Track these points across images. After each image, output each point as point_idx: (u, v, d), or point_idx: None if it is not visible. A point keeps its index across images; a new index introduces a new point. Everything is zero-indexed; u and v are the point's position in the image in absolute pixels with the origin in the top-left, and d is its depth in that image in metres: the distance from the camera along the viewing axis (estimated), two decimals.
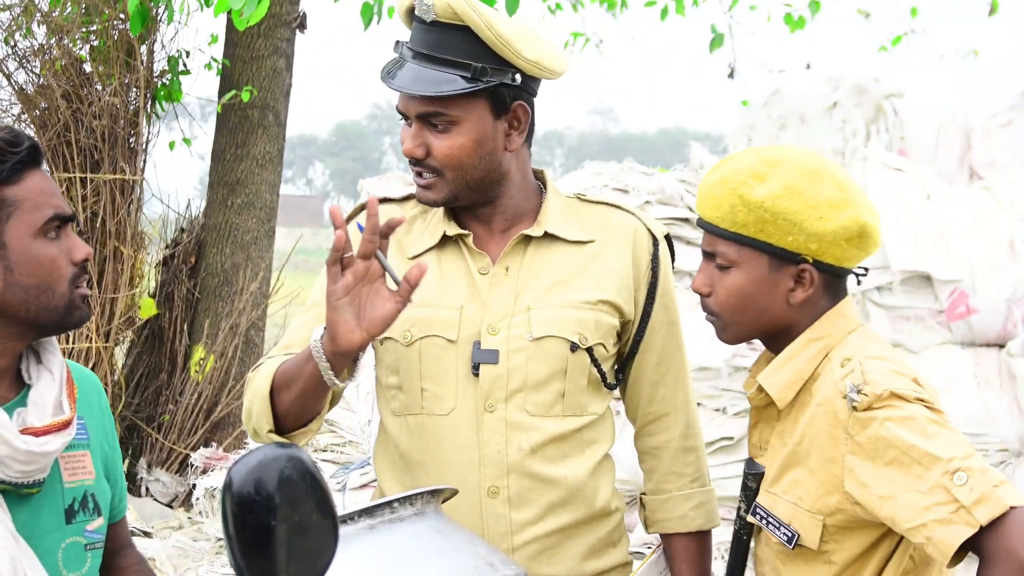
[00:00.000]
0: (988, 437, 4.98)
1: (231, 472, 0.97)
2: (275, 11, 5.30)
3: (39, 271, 1.50)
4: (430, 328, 1.81)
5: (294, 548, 0.98)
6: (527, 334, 1.80)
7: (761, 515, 1.66)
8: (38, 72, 5.36)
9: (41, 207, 1.51)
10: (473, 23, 1.73)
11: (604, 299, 1.84)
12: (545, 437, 1.80)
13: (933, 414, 1.55)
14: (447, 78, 1.74)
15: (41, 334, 1.57)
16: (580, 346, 1.81)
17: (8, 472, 1.49)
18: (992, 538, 1.42)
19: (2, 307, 1.50)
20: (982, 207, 5.43)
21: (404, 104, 1.79)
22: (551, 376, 1.81)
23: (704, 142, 9.50)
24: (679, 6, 6.48)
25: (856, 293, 5.40)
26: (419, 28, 1.78)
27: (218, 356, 5.45)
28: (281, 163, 5.69)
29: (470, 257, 1.85)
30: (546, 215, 1.87)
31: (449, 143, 1.77)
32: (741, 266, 1.63)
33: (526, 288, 1.83)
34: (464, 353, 1.80)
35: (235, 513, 0.96)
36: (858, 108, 6.28)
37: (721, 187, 1.62)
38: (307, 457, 1.00)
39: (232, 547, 0.98)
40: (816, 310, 1.65)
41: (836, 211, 1.59)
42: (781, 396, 1.63)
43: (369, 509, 1.37)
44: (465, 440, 1.80)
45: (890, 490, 1.49)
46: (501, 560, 1.43)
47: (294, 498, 0.98)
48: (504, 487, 1.79)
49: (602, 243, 1.87)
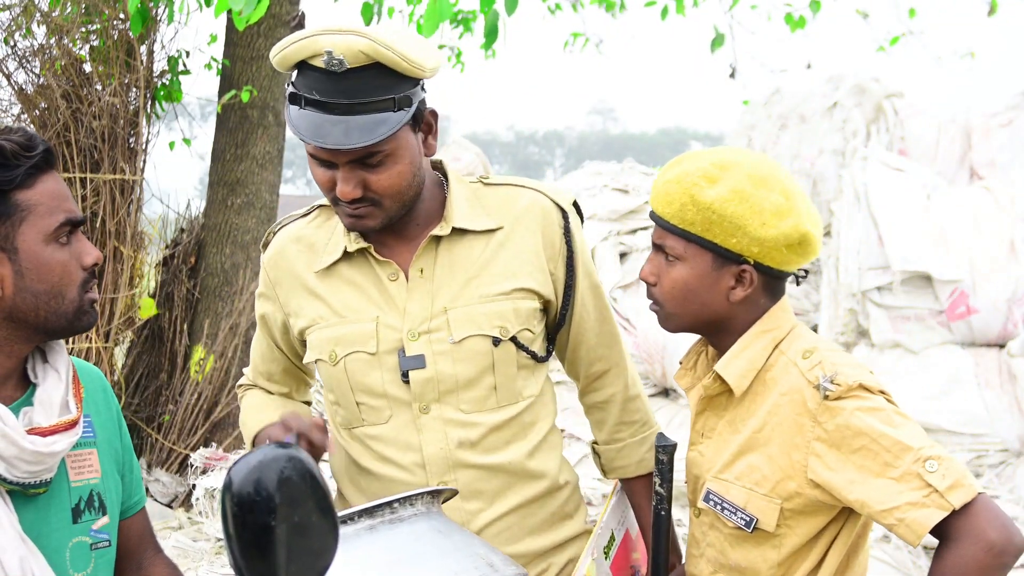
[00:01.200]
0: (988, 437, 4.97)
1: (231, 472, 0.97)
2: (275, 11, 5.30)
3: (50, 277, 1.49)
4: (352, 344, 1.85)
5: (294, 548, 0.98)
6: (448, 337, 1.83)
7: (715, 501, 1.73)
8: (38, 72, 5.35)
9: (53, 212, 1.50)
10: (389, 61, 1.71)
11: (519, 287, 1.87)
12: (483, 431, 1.85)
13: (895, 406, 1.65)
14: (377, 119, 1.72)
15: (49, 338, 1.56)
16: (502, 339, 1.85)
17: (15, 472, 1.48)
18: (961, 521, 1.53)
19: (12, 312, 1.50)
20: (982, 207, 5.43)
21: (331, 155, 1.74)
22: (480, 373, 1.84)
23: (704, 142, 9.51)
24: (679, 6, 6.48)
25: (857, 293, 5.40)
26: (322, 79, 1.71)
27: (218, 356, 5.45)
28: (281, 163, 5.69)
29: (377, 266, 1.86)
30: (452, 209, 1.88)
31: (388, 174, 1.76)
32: (686, 261, 1.72)
33: (442, 289, 1.85)
34: (388, 363, 1.83)
35: (235, 513, 0.96)
36: (858, 108, 6.28)
37: (674, 185, 1.71)
38: (307, 458, 1.00)
39: (232, 547, 0.97)
40: (755, 308, 1.75)
41: (779, 219, 1.67)
42: (738, 384, 1.72)
43: (369, 509, 1.37)
44: (407, 443, 1.84)
45: (860, 475, 1.59)
46: (501, 560, 1.44)
47: (294, 498, 0.97)
48: (452, 481, 1.84)
49: (510, 228, 1.89)
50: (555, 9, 6.84)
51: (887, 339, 5.30)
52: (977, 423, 4.98)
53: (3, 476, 1.47)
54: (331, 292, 1.88)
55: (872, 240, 5.39)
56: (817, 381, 1.64)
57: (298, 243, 1.93)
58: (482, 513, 1.86)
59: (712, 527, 1.77)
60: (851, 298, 5.43)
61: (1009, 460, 4.97)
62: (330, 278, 1.89)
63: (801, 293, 5.91)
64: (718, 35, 6.84)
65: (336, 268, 1.88)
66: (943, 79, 8.39)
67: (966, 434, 4.97)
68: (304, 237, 1.93)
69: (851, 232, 5.49)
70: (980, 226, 5.35)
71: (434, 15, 3.84)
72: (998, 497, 4.81)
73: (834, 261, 5.62)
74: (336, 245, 1.89)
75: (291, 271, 1.91)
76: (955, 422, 4.99)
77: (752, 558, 1.72)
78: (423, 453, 1.84)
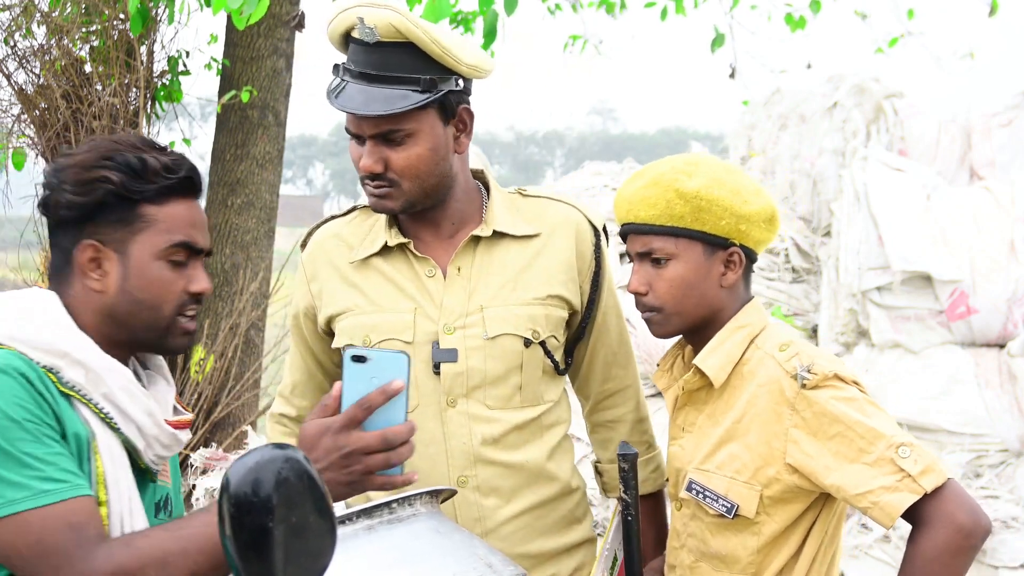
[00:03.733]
0: (988, 437, 4.97)
1: (228, 473, 0.97)
2: (275, 11, 5.30)
3: (150, 289, 1.57)
4: (387, 332, 1.90)
5: (292, 549, 0.97)
6: (482, 333, 1.89)
7: (697, 490, 1.80)
8: (38, 72, 5.35)
9: (172, 232, 1.58)
10: (418, 39, 1.80)
11: (552, 293, 1.94)
12: (506, 428, 1.90)
13: (867, 395, 1.72)
14: (399, 94, 1.80)
15: (141, 349, 1.63)
16: (533, 341, 1.91)
17: (149, 454, 1.58)
18: (932, 504, 1.62)
19: (113, 309, 1.57)
20: (982, 207, 5.43)
21: (357, 125, 1.84)
22: (508, 371, 1.90)
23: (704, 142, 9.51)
24: (679, 6, 6.47)
25: (857, 293, 5.40)
26: (359, 50, 1.82)
27: (218, 356, 5.45)
28: (281, 163, 5.69)
29: (415, 262, 1.93)
30: (492, 214, 1.96)
31: (407, 154, 1.84)
32: (679, 257, 1.78)
33: (479, 288, 1.92)
34: (422, 353, 1.89)
35: (232, 514, 0.96)
36: (858, 108, 6.28)
37: (654, 188, 1.77)
38: (304, 458, 1.00)
39: (229, 548, 0.97)
40: (737, 298, 1.83)
41: (756, 196, 1.79)
42: (717, 376, 1.78)
43: (367, 510, 1.37)
44: (431, 434, 1.88)
45: (836, 461, 1.66)
46: (500, 560, 1.43)
47: (291, 499, 0.97)
48: (472, 476, 1.89)
49: (547, 237, 1.97)
50: (555, 10, 6.83)
51: (887, 339, 5.30)
52: (977, 423, 4.98)
53: (142, 454, 1.56)
54: (367, 282, 1.94)
55: (872, 240, 5.39)
56: (795, 371, 1.71)
57: (337, 239, 2.01)
58: (500, 510, 1.90)
59: (694, 517, 1.83)
60: (851, 298, 5.43)
61: (1009, 460, 4.97)
62: (366, 270, 1.95)
63: (801, 293, 5.91)
64: (718, 35, 6.83)
65: (372, 261, 1.95)
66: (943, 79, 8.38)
67: (966, 434, 4.98)
68: (343, 234, 2.01)
69: (851, 232, 5.49)
70: (980, 226, 5.35)
71: (433, 15, 3.84)
72: (998, 497, 4.81)
73: (834, 261, 5.62)
74: (374, 239, 1.96)
75: (329, 262, 1.98)
76: (955, 422, 4.99)
77: (732, 545, 1.78)
78: (446, 445, 1.88)
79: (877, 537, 4.68)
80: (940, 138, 6.12)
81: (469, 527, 1.87)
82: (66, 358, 1.49)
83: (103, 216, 1.55)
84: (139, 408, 1.54)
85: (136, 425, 1.54)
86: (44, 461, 1.40)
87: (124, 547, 1.38)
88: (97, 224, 1.55)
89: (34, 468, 1.39)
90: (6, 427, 1.39)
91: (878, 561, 4.68)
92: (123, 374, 1.54)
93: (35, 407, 1.42)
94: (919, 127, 6.16)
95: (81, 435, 1.47)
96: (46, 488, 1.38)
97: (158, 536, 1.40)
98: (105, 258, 1.56)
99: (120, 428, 1.52)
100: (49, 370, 1.48)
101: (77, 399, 1.50)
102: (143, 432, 1.55)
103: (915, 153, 6.09)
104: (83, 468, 1.47)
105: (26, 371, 1.44)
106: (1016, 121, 6.06)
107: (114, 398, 1.52)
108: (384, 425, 1.41)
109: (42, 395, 1.44)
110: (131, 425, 1.54)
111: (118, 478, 1.50)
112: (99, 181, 1.54)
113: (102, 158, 1.56)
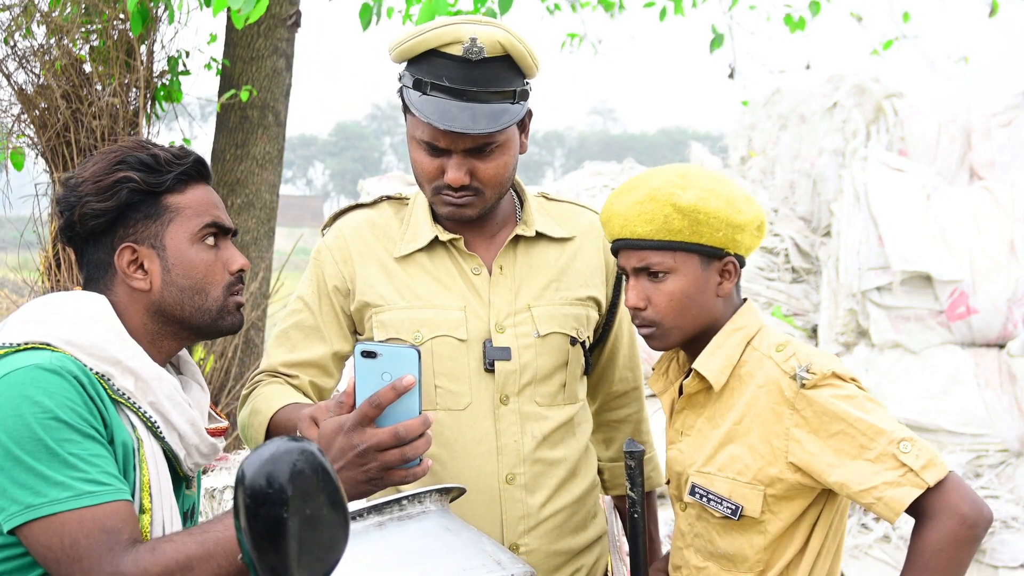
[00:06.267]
0: (988, 437, 4.98)
1: (243, 465, 0.98)
2: (275, 11, 5.31)
3: (194, 273, 1.62)
4: (440, 328, 1.89)
5: (306, 541, 0.98)
6: (533, 331, 1.91)
7: (700, 494, 1.81)
8: (38, 72, 5.35)
9: (200, 215, 1.63)
10: (519, 54, 1.82)
11: (590, 295, 1.98)
12: (554, 425, 1.92)
13: (866, 392, 1.74)
14: (501, 109, 1.81)
15: (195, 336, 1.66)
16: (577, 339, 1.95)
17: (189, 462, 1.62)
18: (935, 497, 1.64)
19: (160, 305, 1.61)
20: (982, 207, 5.44)
21: (449, 141, 1.81)
22: (555, 369, 1.92)
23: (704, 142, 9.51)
24: (677, 7, 6.47)
25: (857, 293, 5.40)
26: (455, 66, 1.79)
27: (218, 356, 5.45)
28: (281, 163, 5.69)
29: (461, 259, 1.93)
30: (531, 215, 1.98)
31: (495, 164, 1.85)
32: (678, 271, 1.78)
33: (523, 287, 1.94)
34: (475, 351, 1.89)
35: (247, 506, 0.96)
36: (858, 108, 6.29)
37: (650, 203, 1.77)
38: (319, 451, 1.00)
39: (244, 540, 0.98)
40: (731, 304, 1.85)
41: (747, 204, 1.80)
42: (717, 380, 1.80)
43: (378, 506, 1.37)
44: (483, 432, 1.89)
45: (839, 459, 1.68)
46: (509, 558, 1.44)
47: (306, 491, 0.98)
48: (521, 474, 1.90)
49: (580, 240, 2.01)
50: (554, 9, 6.84)
51: (887, 339, 5.31)
52: (977, 423, 4.98)
53: (182, 463, 1.60)
54: (411, 277, 1.94)
55: (872, 240, 5.40)
56: (793, 371, 1.73)
57: (373, 228, 1.99)
58: (544, 507, 1.92)
59: (699, 518, 1.85)
60: (851, 298, 5.44)
61: (1009, 460, 4.98)
62: (409, 265, 1.95)
63: (801, 293, 5.92)
64: (717, 35, 6.84)
65: (414, 257, 1.95)
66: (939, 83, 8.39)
67: (966, 434, 4.98)
68: (378, 224, 2.00)
69: (851, 232, 5.49)
70: (980, 226, 5.36)
71: (430, 15, 3.85)
72: (998, 497, 4.82)
73: (834, 261, 5.62)
74: (417, 234, 1.95)
75: (367, 250, 1.97)
76: (955, 422, 5.00)
77: (739, 544, 1.80)
78: (498, 443, 1.89)
79: (877, 537, 4.69)
80: (940, 138, 6.12)
81: (513, 525, 1.88)
82: (118, 366, 1.52)
83: (131, 217, 1.60)
84: (183, 418, 1.58)
85: (179, 434, 1.58)
86: (89, 463, 1.42)
87: (150, 552, 1.40)
88: (127, 227, 1.60)
89: (79, 469, 1.41)
90: (55, 427, 1.41)
91: (878, 561, 4.69)
92: (170, 382, 1.57)
93: (85, 410, 1.45)
94: (919, 127, 6.17)
95: (128, 443, 1.50)
96: (89, 490, 1.41)
97: (182, 541, 1.42)
98: (144, 257, 1.60)
99: (164, 437, 1.56)
100: (101, 377, 1.51)
101: (126, 406, 1.53)
102: (185, 441, 1.59)
103: (915, 153, 6.10)
104: (129, 475, 1.50)
105: (79, 375, 1.46)
106: (1016, 121, 6.07)
107: (160, 407, 1.55)
108: (399, 420, 1.41)
109: (93, 400, 1.46)
110: (174, 434, 1.57)
111: (161, 486, 1.54)
112: (121, 183, 1.58)
113: (115, 163, 1.60)
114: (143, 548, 1.41)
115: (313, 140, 76.48)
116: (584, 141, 75.21)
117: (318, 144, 76.47)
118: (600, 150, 65.70)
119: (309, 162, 77.79)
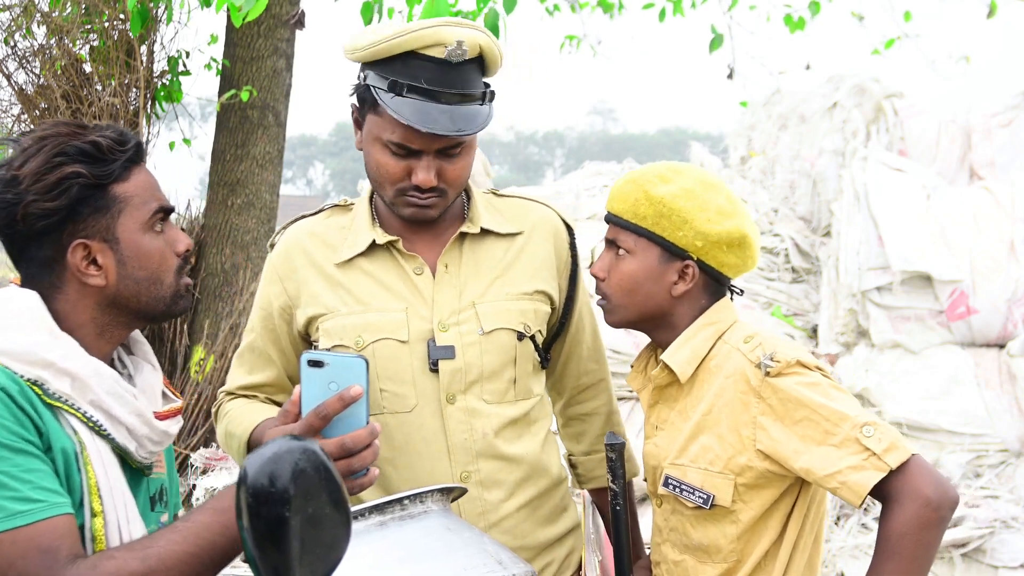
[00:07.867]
0: (988, 437, 4.98)
1: (246, 464, 0.98)
2: (275, 11, 5.31)
3: (149, 264, 1.57)
4: (380, 331, 1.89)
5: (308, 540, 0.98)
6: (477, 328, 1.91)
7: (673, 484, 1.84)
8: (38, 72, 5.35)
9: (147, 201, 1.58)
10: (491, 57, 1.84)
11: (538, 289, 1.98)
12: (503, 421, 1.92)
13: (830, 380, 1.77)
14: (474, 110, 1.83)
15: (148, 322, 1.63)
16: (525, 335, 1.94)
17: (142, 452, 1.56)
18: (898, 480, 1.66)
19: (116, 298, 1.56)
20: (982, 207, 5.44)
21: (424, 143, 1.81)
22: (503, 365, 1.92)
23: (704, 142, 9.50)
24: (677, 7, 6.48)
25: (857, 293, 5.40)
26: (435, 68, 1.79)
27: (218, 356, 5.45)
28: (281, 163, 5.69)
29: (402, 260, 1.93)
30: (477, 212, 1.98)
31: (461, 165, 1.86)
32: (636, 255, 1.85)
33: (468, 284, 1.94)
34: (418, 351, 1.89)
35: (249, 505, 0.96)
36: (858, 108, 6.29)
37: (630, 185, 1.86)
38: (321, 450, 1.00)
39: (246, 539, 0.98)
40: (695, 305, 1.88)
41: (723, 218, 1.82)
42: (683, 370, 1.84)
43: (379, 506, 1.37)
44: (432, 432, 1.89)
45: (804, 444, 1.71)
46: (510, 558, 1.44)
47: (308, 490, 0.98)
48: (475, 471, 1.90)
49: (527, 235, 2.01)
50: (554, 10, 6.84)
51: (887, 339, 5.31)
52: (977, 423, 4.98)
53: (133, 455, 1.55)
54: (353, 283, 1.93)
55: (872, 240, 5.40)
56: (758, 360, 1.77)
57: (313, 237, 1.99)
58: (503, 504, 1.92)
59: (674, 512, 1.87)
60: (851, 298, 5.44)
61: (1009, 460, 4.98)
62: (350, 270, 1.94)
63: (801, 293, 5.92)
64: (716, 36, 6.84)
65: (356, 262, 1.94)
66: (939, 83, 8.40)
67: (966, 434, 4.98)
68: (318, 232, 1.99)
69: (851, 232, 5.49)
70: (980, 226, 5.35)
71: (431, 15, 3.85)
72: (998, 497, 4.82)
73: (834, 261, 5.62)
74: (356, 240, 1.95)
75: (308, 262, 1.96)
76: (955, 422, 5.00)
77: (713, 535, 1.82)
78: (448, 442, 1.89)
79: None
80: (940, 138, 6.12)
81: (473, 522, 1.88)
82: (51, 368, 1.45)
83: (81, 212, 1.51)
84: (127, 410, 1.52)
85: (126, 428, 1.52)
86: (20, 480, 1.37)
87: (91, 570, 1.35)
88: (77, 223, 1.52)
89: (9, 488, 1.36)
90: None
91: None
92: (109, 377, 1.51)
93: (14, 423, 1.39)
94: (919, 127, 6.17)
95: (68, 449, 1.44)
96: (20, 509, 1.35)
97: (123, 558, 1.38)
98: (96, 252, 1.53)
99: (110, 434, 1.50)
100: (33, 382, 1.44)
101: (64, 409, 1.46)
102: (133, 434, 1.53)
103: (915, 153, 6.10)
104: (74, 481, 1.45)
105: (7, 385, 1.40)
106: (1016, 121, 6.07)
107: (102, 404, 1.49)
108: (345, 431, 1.39)
109: (24, 409, 1.40)
110: (121, 429, 1.52)
111: (111, 486, 1.48)
112: (68, 179, 1.50)
113: (55, 156, 1.51)
114: (83, 565, 1.36)
115: (313, 140, 76.42)
116: (584, 141, 75.17)
117: (318, 144, 76.40)
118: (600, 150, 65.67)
119: (309, 162, 77.74)
